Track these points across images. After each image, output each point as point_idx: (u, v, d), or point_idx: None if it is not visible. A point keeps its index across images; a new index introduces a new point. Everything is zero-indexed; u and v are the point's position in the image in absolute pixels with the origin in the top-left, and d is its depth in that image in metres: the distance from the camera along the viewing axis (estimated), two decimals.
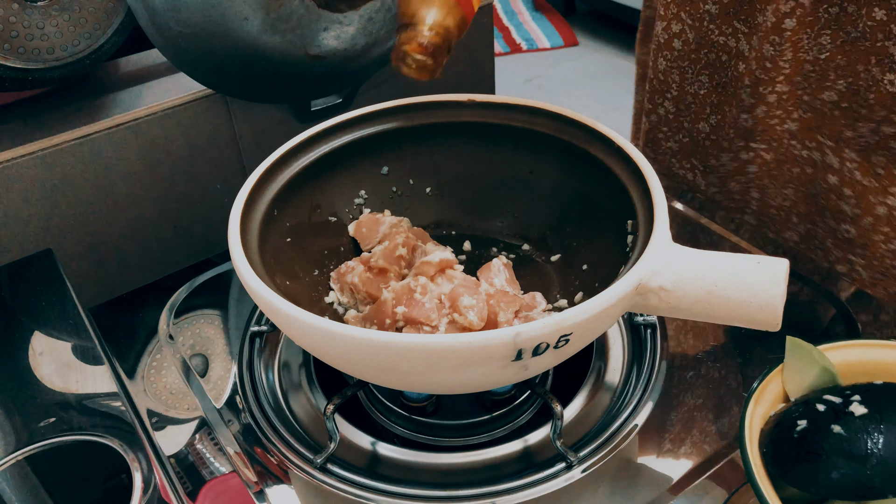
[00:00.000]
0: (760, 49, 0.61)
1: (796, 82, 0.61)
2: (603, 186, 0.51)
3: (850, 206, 0.61)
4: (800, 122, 0.63)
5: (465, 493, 0.45)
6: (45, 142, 0.57)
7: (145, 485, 0.41)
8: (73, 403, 0.46)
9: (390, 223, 0.56)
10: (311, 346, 0.42)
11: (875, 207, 0.59)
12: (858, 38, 0.55)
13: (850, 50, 0.56)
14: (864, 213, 0.60)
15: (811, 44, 0.58)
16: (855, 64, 0.56)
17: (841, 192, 0.62)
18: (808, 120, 0.62)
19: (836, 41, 0.57)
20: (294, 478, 0.47)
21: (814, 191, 0.65)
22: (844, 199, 0.62)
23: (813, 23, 0.57)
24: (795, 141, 0.64)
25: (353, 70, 0.62)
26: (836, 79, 0.58)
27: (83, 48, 0.60)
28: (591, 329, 0.40)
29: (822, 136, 0.61)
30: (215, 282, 0.64)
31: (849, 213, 0.62)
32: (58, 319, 0.52)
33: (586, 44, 2.76)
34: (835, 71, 0.58)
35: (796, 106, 0.62)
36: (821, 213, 0.65)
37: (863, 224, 0.61)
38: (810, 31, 0.58)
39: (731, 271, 0.40)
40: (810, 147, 0.63)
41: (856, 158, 0.59)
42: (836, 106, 0.59)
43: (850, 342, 0.42)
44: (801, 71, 0.60)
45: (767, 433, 0.38)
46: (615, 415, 0.50)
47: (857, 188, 0.60)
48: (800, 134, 0.63)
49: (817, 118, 0.61)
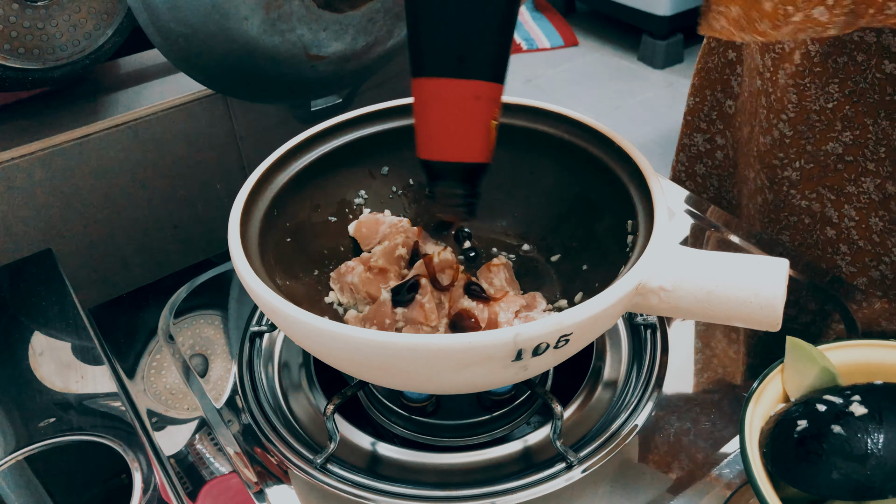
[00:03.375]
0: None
1: (800, 131, 0.59)
2: (603, 186, 0.51)
3: (845, 263, 0.60)
4: (801, 172, 0.61)
5: (465, 493, 0.45)
6: (45, 142, 0.57)
7: (145, 485, 0.41)
8: (73, 403, 0.46)
9: (390, 223, 0.56)
10: (311, 346, 0.42)
11: (870, 270, 0.58)
12: (867, 90, 0.53)
13: (857, 101, 0.54)
14: (859, 273, 0.60)
15: (818, 92, 0.56)
16: (862, 116, 0.54)
17: (837, 247, 0.60)
18: (810, 170, 0.60)
19: (843, 91, 0.55)
20: (294, 478, 0.47)
21: (810, 240, 0.63)
22: (840, 255, 0.60)
23: (822, 73, 0.55)
24: (794, 190, 0.62)
25: (353, 70, 0.62)
26: (842, 130, 0.56)
27: (83, 48, 0.60)
28: (591, 329, 0.40)
29: (824, 187, 0.59)
30: (215, 282, 0.64)
31: (844, 269, 0.61)
32: (58, 319, 0.52)
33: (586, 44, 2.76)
34: (841, 122, 0.56)
35: (799, 154, 0.60)
36: (817, 262, 0.63)
37: (857, 283, 0.60)
38: (818, 81, 0.56)
39: (731, 271, 0.40)
40: (810, 198, 0.61)
41: (854, 217, 0.58)
42: (840, 159, 0.57)
43: (850, 342, 0.42)
44: (806, 120, 0.58)
45: (767, 433, 0.38)
46: (615, 415, 0.50)
47: (853, 248, 0.59)
48: (800, 184, 0.61)
49: (819, 169, 0.59)
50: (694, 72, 0.76)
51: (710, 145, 0.77)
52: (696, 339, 0.56)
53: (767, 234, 0.67)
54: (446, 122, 0.41)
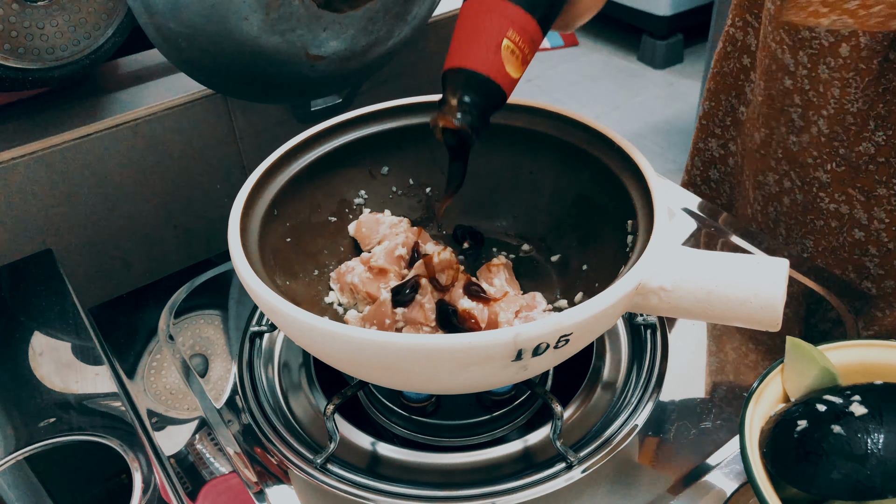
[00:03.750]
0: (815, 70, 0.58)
1: (836, 132, 0.58)
2: (603, 186, 0.51)
3: (873, 265, 0.60)
4: (832, 175, 0.60)
5: (465, 493, 0.45)
6: (45, 142, 0.57)
7: (145, 485, 0.41)
8: (73, 403, 0.46)
9: (390, 223, 0.56)
10: (311, 346, 0.42)
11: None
12: None
13: (890, 100, 0.54)
14: (887, 276, 0.59)
15: (857, 92, 0.55)
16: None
17: (866, 249, 0.60)
18: (841, 173, 0.59)
19: (878, 89, 0.54)
20: (294, 478, 0.47)
21: (836, 243, 0.63)
22: (869, 256, 0.60)
23: (866, 71, 0.55)
24: (824, 193, 0.61)
25: (353, 70, 0.62)
26: (875, 129, 0.56)
27: (83, 48, 0.60)
28: (591, 329, 0.40)
29: (854, 188, 0.59)
30: (215, 282, 0.64)
31: (872, 270, 0.60)
32: (58, 319, 0.52)
33: (586, 44, 2.76)
34: (874, 121, 0.55)
35: (832, 157, 0.60)
36: (841, 265, 0.63)
37: (884, 286, 0.59)
38: (859, 79, 0.55)
39: (731, 271, 0.40)
40: (839, 200, 0.60)
41: (885, 219, 0.57)
42: (872, 160, 0.57)
43: (850, 342, 0.42)
44: (842, 120, 0.57)
45: (767, 433, 0.38)
46: (615, 415, 0.50)
47: (882, 250, 0.58)
48: (830, 186, 0.61)
49: (850, 170, 0.58)
50: (709, 76, 0.75)
51: (724, 151, 0.77)
52: (696, 339, 0.56)
53: (792, 238, 0.67)
54: (471, 32, 0.43)
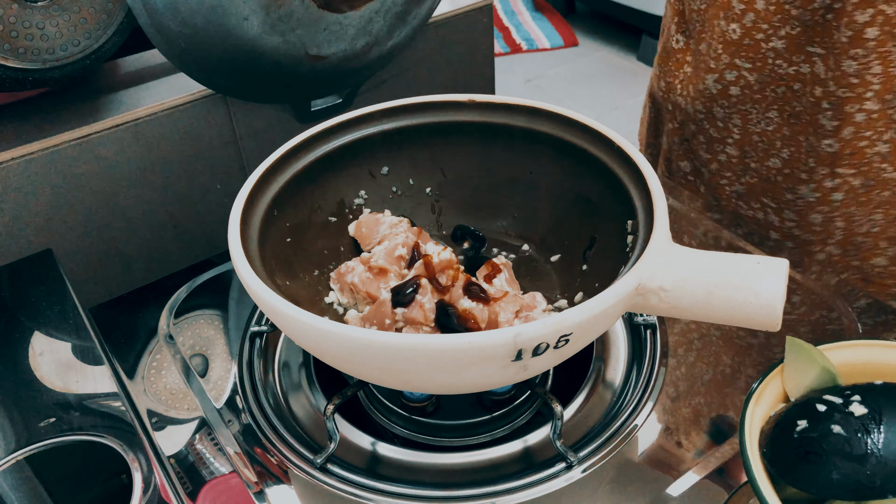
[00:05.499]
0: (839, 66, 0.57)
1: (887, 100, 0.57)
2: (603, 186, 0.51)
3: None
4: (891, 144, 0.59)
5: (465, 493, 0.45)
6: (45, 142, 0.57)
7: (145, 485, 0.41)
8: (73, 403, 0.46)
9: (390, 223, 0.56)
10: (311, 346, 0.42)
11: None
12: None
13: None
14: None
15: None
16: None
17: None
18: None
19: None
20: (294, 478, 0.47)
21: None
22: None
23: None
24: (887, 163, 0.61)
25: (353, 70, 0.62)
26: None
27: (83, 48, 0.60)
28: (591, 329, 0.40)
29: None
30: (215, 282, 0.64)
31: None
32: (58, 319, 0.52)
33: (586, 44, 2.76)
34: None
35: (888, 126, 0.59)
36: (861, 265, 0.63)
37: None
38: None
39: (731, 271, 0.40)
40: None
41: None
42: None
43: (850, 342, 0.42)
44: (892, 88, 0.56)
45: (767, 433, 0.38)
46: (615, 415, 0.50)
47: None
48: (892, 155, 0.60)
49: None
50: None
51: None
52: (696, 339, 0.56)
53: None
54: None
